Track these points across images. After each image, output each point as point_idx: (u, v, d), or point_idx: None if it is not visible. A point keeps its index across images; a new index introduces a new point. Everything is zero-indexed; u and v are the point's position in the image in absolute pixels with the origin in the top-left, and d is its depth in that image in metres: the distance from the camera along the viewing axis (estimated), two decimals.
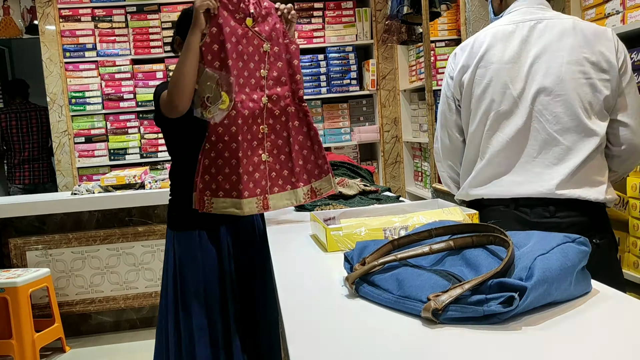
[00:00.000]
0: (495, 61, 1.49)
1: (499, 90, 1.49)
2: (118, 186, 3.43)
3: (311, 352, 0.77)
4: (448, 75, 1.62)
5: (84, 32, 4.39)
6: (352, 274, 0.99)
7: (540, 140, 1.45)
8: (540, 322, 0.81)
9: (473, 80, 1.53)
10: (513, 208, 1.47)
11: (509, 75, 1.48)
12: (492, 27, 1.57)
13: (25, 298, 2.99)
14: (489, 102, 1.50)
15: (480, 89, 1.52)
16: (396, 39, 3.85)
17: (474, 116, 1.55)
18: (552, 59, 1.45)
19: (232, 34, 1.74)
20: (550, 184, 1.42)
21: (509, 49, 1.49)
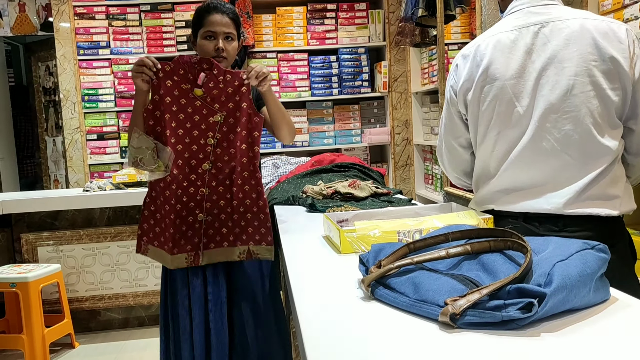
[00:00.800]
0: (498, 77, 1.42)
1: (505, 108, 1.42)
2: (129, 183, 3.44)
3: (327, 354, 0.77)
4: (451, 88, 1.55)
5: (98, 30, 4.42)
6: (368, 277, 0.99)
7: (549, 158, 1.38)
8: (559, 329, 0.81)
9: (478, 97, 1.46)
10: (522, 221, 1.44)
11: (514, 91, 1.40)
12: (493, 32, 1.48)
13: (36, 293, 3.00)
14: (495, 120, 1.44)
15: (484, 106, 1.46)
16: (409, 41, 3.85)
17: (481, 133, 1.49)
18: (559, 72, 1.36)
19: (173, 103, 1.79)
20: (559, 202, 1.37)
21: (513, 61, 1.41)
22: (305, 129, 4.62)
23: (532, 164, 1.40)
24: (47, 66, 5.72)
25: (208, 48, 1.90)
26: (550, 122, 1.37)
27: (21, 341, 2.97)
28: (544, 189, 1.40)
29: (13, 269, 3.09)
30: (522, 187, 1.43)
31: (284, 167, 3.05)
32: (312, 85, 4.59)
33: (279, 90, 4.55)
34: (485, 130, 1.48)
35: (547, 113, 1.37)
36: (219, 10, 1.91)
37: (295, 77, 4.57)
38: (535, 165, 1.40)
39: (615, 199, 1.37)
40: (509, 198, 1.46)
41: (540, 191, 1.41)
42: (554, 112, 1.36)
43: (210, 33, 1.90)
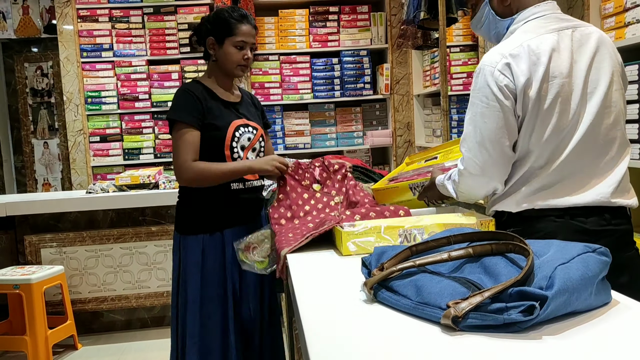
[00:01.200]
0: (557, 75, 1.43)
1: (564, 106, 1.44)
2: (132, 186, 3.45)
3: (331, 358, 0.78)
4: (505, 88, 1.45)
5: (101, 33, 4.43)
6: (371, 279, 0.99)
7: (595, 152, 1.45)
8: (560, 332, 0.81)
9: (540, 96, 1.43)
10: (568, 218, 1.44)
11: (569, 89, 1.44)
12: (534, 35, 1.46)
13: (39, 295, 3.01)
14: (556, 118, 1.44)
15: (547, 104, 1.43)
16: (411, 43, 3.85)
17: (539, 132, 1.45)
18: (599, 72, 1.45)
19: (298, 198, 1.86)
20: (607, 192, 1.43)
21: (563, 61, 1.44)
22: (307, 131, 4.63)
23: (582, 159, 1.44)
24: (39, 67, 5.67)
25: (236, 57, 1.93)
26: (598, 116, 1.44)
27: (24, 343, 2.98)
28: (591, 182, 1.45)
29: (17, 271, 3.10)
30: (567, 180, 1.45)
31: None
32: (314, 88, 4.60)
33: (281, 92, 4.56)
34: (546, 129, 1.45)
35: (594, 109, 1.44)
36: (249, 22, 1.95)
37: (297, 80, 4.58)
38: (584, 161, 1.44)
39: (632, 191, 1.49)
40: (552, 194, 1.45)
41: (585, 183, 1.45)
42: (600, 108, 1.44)
43: (243, 44, 1.93)
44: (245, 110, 2.05)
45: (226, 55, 1.94)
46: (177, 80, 4.46)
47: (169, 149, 4.51)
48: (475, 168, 1.49)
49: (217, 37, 1.95)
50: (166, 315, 3.62)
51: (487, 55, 1.51)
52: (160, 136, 4.51)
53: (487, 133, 1.47)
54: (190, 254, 1.95)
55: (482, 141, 1.47)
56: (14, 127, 5.80)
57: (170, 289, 3.49)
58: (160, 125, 4.51)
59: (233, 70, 1.97)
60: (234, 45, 1.93)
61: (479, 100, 1.48)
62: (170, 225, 3.49)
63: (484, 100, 1.47)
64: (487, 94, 1.47)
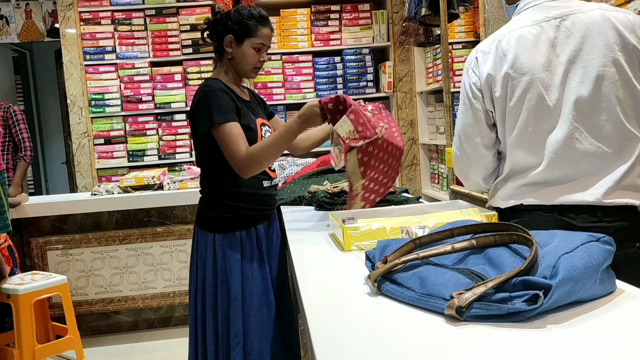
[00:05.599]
0: (526, 71, 1.39)
1: (534, 103, 1.40)
2: (137, 187, 3.46)
3: (336, 350, 0.78)
4: (473, 86, 1.49)
5: (103, 35, 4.45)
6: (374, 272, 0.99)
7: (583, 150, 1.37)
8: (565, 321, 0.81)
9: (506, 93, 1.43)
10: (557, 214, 1.40)
11: (543, 85, 1.39)
12: (512, 28, 1.46)
13: (27, 307, 2.83)
14: (525, 115, 1.41)
15: (513, 101, 1.42)
16: (413, 40, 3.85)
17: (509, 131, 1.45)
18: (586, 64, 1.36)
19: None
20: (597, 193, 1.36)
21: (539, 55, 1.39)
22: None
23: (567, 158, 1.38)
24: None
25: (254, 59, 1.92)
26: (582, 114, 1.36)
27: (12, 355, 2.84)
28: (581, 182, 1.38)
29: (24, 278, 3.02)
30: (557, 181, 1.40)
31: (290, 168, 3.06)
32: (317, 87, 4.60)
33: (284, 92, 4.56)
34: (514, 126, 1.43)
35: (579, 105, 1.36)
36: (269, 25, 1.93)
37: (300, 79, 4.58)
38: (571, 159, 1.38)
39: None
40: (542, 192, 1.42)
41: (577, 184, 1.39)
42: (586, 104, 1.36)
43: (261, 46, 1.91)
44: (257, 108, 2.05)
45: (244, 56, 1.91)
46: (180, 82, 4.47)
47: (172, 150, 4.52)
48: (455, 156, 1.61)
49: (237, 35, 1.91)
50: (173, 315, 3.63)
51: None
52: (164, 137, 4.53)
53: (462, 128, 1.54)
54: (229, 252, 1.92)
55: (459, 134, 1.56)
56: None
57: (176, 289, 3.52)
58: (164, 126, 4.52)
59: (248, 72, 1.95)
60: (253, 47, 1.91)
61: (460, 96, 1.54)
62: (176, 226, 3.50)
63: (461, 97, 1.53)
64: (462, 91, 1.52)
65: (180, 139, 4.53)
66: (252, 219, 1.96)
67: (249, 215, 1.95)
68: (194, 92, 1.94)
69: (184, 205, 3.50)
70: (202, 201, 2.04)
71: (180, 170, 4.44)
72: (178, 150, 4.53)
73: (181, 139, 4.53)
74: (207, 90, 1.85)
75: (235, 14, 1.92)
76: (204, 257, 1.96)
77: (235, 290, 1.91)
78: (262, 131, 1.97)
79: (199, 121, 1.85)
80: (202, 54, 4.49)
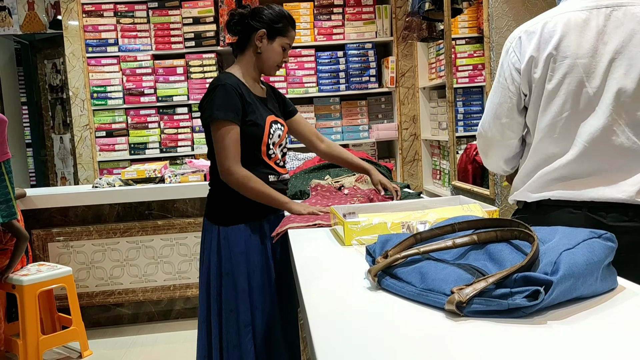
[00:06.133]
0: (569, 55, 1.36)
1: (574, 88, 1.36)
2: (138, 180, 3.46)
3: (335, 344, 0.77)
4: (512, 66, 1.45)
5: (106, 28, 4.44)
6: (375, 267, 0.99)
7: (619, 143, 1.34)
8: (565, 317, 0.81)
9: (545, 75, 1.39)
10: (586, 211, 1.36)
11: (585, 71, 1.35)
12: (561, 11, 1.41)
13: (32, 298, 2.87)
14: (562, 101, 1.37)
15: (552, 85, 1.38)
16: (416, 35, 3.84)
17: (543, 116, 1.41)
18: (632, 56, 1.33)
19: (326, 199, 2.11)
20: (630, 190, 1.32)
21: (585, 40, 1.36)
22: (312, 125, 4.62)
23: (601, 150, 1.34)
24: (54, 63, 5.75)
25: (280, 57, 1.98)
26: (623, 106, 1.33)
27: (16, 346, 2.88)
28: (613, 177, 1.34)
29: (30, 269, 3.04)
30: (587, 174, 1.36)
31: (292, 163, 3.06)
32: (319, 82, 4.59)
33: (286, 86, 4.56)
34: (549, 110, 1.40)
35: (619, 97, 1.33)
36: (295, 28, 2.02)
37: (302, 73, 4.57)
38: (605, 152, 1.34)
39: None
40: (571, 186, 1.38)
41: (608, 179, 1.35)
42: (627, 96, 1.32)
43: (288, 46, 1.99)
44: (272, 105, 2.06)
45: (273, 53, 1.96)
46: (182, 75, 4.46)
47: (174, 144, 4.52)
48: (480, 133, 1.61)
49: (270, 32, 1.95)
50: (173, 308, 3.64)
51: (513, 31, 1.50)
52: (165, 131, 4.52)
53: (492, 106, 1.53)
54: (234, 244, 1.94)
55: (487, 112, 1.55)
56: (39, 123, 5.95)
57: (176, 282, 3.52)
58: (166, 119, 4.52)
59: (272, 68, 2.00)
60: (282, 46, 1.97)
61: (496, 75, 1.52)
62: (177, 219, 3.50)
63: (497, 76, 1.51)
64: (499, 70, 1.50)
65: (182, 132, 4.52)
66: (257, 213, 1.97)
67: (253, 209, 1.96)
68: (196, 86, 1.96)
69: (185, 198, 3.50)
70: (209, 194, 2.06)
71: (182, 163, 4.44)
72: (180, 143, 4.53)
73: (183, 132, 4.53)
74: (218, 84, 1.89)
75: (268, 11, 1.96)
76: (209, 249, 1.98)
77: (242, 282, 1.93)
78: (272, 129, 1.97)
79: (202, 113, 1.92)
80: (205, 47, 4.47)
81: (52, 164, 5.83)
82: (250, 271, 1.95)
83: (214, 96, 1.86)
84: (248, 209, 1.95)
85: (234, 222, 1.95)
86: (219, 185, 1.98)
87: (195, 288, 3.53)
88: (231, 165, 1.86)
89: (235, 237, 1.94)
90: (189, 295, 3.56)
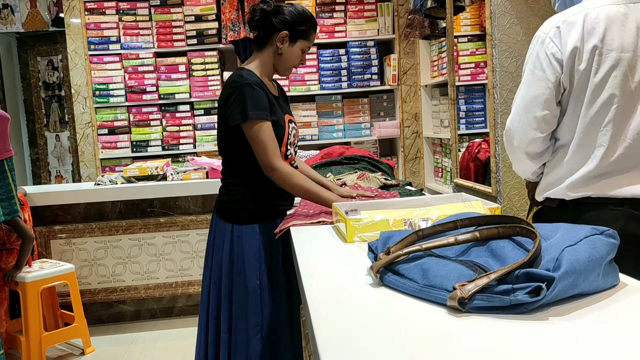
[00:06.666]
0: (614, 48, 1.34)
1: (620, 82, 1.34)
2: (140, 177, 3.47)
3: (338, 341, 0.78)
4: (551, 56, 1.40)
5: (108, 25, 4.45)
6: (377, 263, 0.99)
7: None
8: (567, 313, 0.81)
9: (590, 67, 1.36)
10: (628, 207, 1.35)
11: (629, 65, 1.34)
12: (600, 3, 1.37)
13: (35, 295, 2.88)
14: (608, 95, 1.35)
15: (598, 78, 1.35)
16: (419, 33, 3.83)
17: (588, 110, 1.38)
18: None
19: None
20: None
21: (627, 34, 1.34)
22: (314, 123, 4.63)
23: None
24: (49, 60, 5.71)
25: (298, 59, 1.96)
26: None
27: (19, 342, 2.89)
28: None
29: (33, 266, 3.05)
30: (629, 169, 1.35)
31: None
32: (321, 79, 4.59)
33: (288, 84, 4.56)
34: (594, 104, 1.37)
35: None
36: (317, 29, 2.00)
37: (304, 71, 4.57)
38: None
39: None
40: (612, 183, 1.37)
41: None
42: None
43: (307, 49, 1.96)
44: (284, 104, 2.05)
45: (292, 55, 1.93)
46: (184, 73, 4.47)
47: (176, 141, 4.53)
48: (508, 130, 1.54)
49: (292, 34, 1.91)
50: (175, 306, 3.64)
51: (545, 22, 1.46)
52: (167, 128, 4.53)
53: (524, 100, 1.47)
54: (247, 244, 1.92)
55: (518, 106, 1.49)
56: (30, 121, 5.87)
57: (178, 280, 3.53)
58: (168, 117, 4.52)
59: (287, 70, 1.98)
60: (302, 49, 1.94)
61: (527, 67, 1.47)
62: (179, 217, 3.51)
63: (529, 67, 1.46)
64: (534, 61, 1.45)
65: (184, 130, 4.53)
66: (272, 213, 1.96)
67: (269, 209, 1.95)
68: (198, 83, 1.95)
69: (187, 196, 3.50)
70: (222, 191, 2.02)
71: (184, 161, 4.45)
72: (182, 141, 4.54)
73: (185, 130, 4.53)
74: (243, 82, 1.82)
75: (293, 13, 1.91)
76: (221, 247, 1.95)
77: (252, 282, 1.91)
78: (289, 128, 1.96)
79: (231, 113, 1.83)
80: (207, 45, 4.48)
81: (46, 162, 5.79)
82: (261, 271, 1.92)
83: (243, 95, 1.80)
84: (262, 208, 1.94)
85: (248, 222, 1.92)
86: (234, 183, 1.96)
87: (197, 285, 3.53)
88: (274, 161, 1.82)
89: (249, 236, 1.92)
90: (191, 292, 3.57)
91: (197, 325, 2.06)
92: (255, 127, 1.80)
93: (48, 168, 5.78)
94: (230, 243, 1.94)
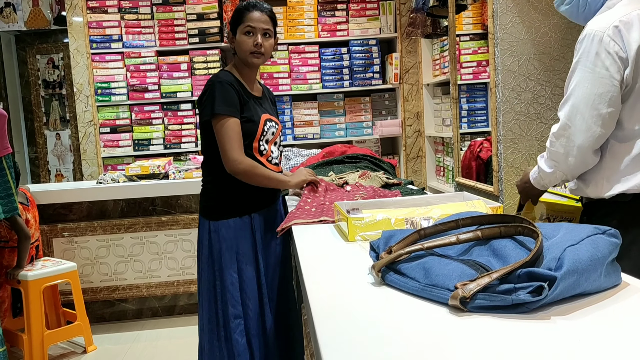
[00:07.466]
0: None
1: None
2: (142, 176, 3.47)
3: (339, 339, 0.78)
4: (615, 55, 1.44)
5: (110, 24, 4.45)
6: (379, 262, 0.99)
7: None
8: (569, 313, 0.81)
9: None
10: None
11: None
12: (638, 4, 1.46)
13: (37, 293, 2.89)
14: None
15: None
16: (421, 32, 3.83)
17: None
18: None
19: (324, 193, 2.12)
20: None
21: None
22: (316, 122, 4.63)
23: None
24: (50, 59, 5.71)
25: (247, 44, 1.96)
26: None
27: (21, 340, 2.90)
28: None
29: (35, 264, 3.06)
30: None
31: (295, 159, 3.06)
32: (323, 78, 4.59)
33: (290, 82, 4.56)
34: None
35: None
36: (258, 8, 1.98)
37: (306, 70, 4.57)
38: None
39: None
40: None
41: None
42: None
43: (250, 29, 1.95)
44: (267, 105, 2.12)
45: (239, 44, 1.98)
46: (186, 71, 4.47)
47: (178, 140, 4.53)
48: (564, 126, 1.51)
49: (233, 29, 2.02)
50: (176, 304, 3.65)
51: (593, 22, 1.48)
52: (169, 127, 4.53)
53: (586, 98, 1.47)
54: (224, 238, 1.98)
55: (578, 105, 1.48)
56: (28, 119, 5.85)
57: (180, 278, 3.54)
58: (170, 116, 4.52)
59: (247, 59, 1.98)
60: (244, 33, 1.97)
61: (582, 65, 1.47)
62: (181, 215, 3.51)
63: (588, 65, 1.46)
64: (593, 59, 1.46)
65: (186, 128, 4.53)
66: (247, 207, 2.01)
67: (243, 204, 2.00)
68: (200, 82, 1.99)
69: (189, 194, 3.51)
70: (202, 190, 2.11)
71: (186, 159, 4.45)
72: (184, 139, 4.54)
73: (187, 128, 4.53)
74: (216, 80, 1.93)
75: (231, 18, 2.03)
76: (202, 243, 2.03)
77: (230, 275, 1.97)
78: (266, 126, 2.02)
79: (202, 109, 1.95)
80: (209, 43, 4.48)
81: (45, 161, 5.79)
82: (241, 264, 1.98)
83: (213, 92, 1.90)
84: (238, 203, 1.99)
85: (224, 217, 1.99)
86: (210, 181, 2.04)
87: None
88: (237, 156, 1.90)
89: (225, 231, 1.98)
90: (193, 290, 3.57)
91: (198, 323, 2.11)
92: (220, 122, 1.90)
93: (47, 167, 5.78)
94: (208, 239, 2.01)
